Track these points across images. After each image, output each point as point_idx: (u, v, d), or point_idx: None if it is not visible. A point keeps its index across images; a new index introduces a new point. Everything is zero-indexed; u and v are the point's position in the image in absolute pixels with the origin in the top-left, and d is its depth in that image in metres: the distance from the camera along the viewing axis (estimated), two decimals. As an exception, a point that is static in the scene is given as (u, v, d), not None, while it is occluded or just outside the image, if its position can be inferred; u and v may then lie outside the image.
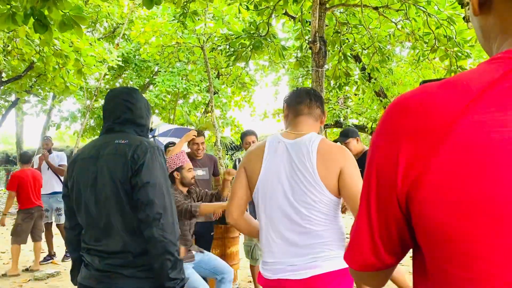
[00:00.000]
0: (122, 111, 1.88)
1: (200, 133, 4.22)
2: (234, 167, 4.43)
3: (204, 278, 3.28)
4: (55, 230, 6.33)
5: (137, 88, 2.04)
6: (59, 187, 6.16)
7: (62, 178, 6.15)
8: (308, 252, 1.73)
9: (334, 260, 1.73)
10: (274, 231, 1.80)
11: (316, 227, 1.74)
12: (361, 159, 3.70)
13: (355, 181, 1.73)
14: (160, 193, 1.69)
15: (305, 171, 1.74)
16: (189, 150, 4.26)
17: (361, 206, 0.67)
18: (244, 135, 4.38)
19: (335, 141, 4.14)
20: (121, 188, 1.70)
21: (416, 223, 0.60)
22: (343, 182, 1.73)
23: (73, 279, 1.94)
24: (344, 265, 1.66)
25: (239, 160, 4.43)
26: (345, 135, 4.02)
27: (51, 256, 6.20)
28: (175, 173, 3.28)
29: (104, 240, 1.72)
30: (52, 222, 6.23)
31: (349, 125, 12.05)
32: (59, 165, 6.35)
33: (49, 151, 6.43)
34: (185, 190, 3.35)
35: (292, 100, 1.97)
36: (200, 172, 4.17)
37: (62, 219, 5.97)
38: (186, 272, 3.16)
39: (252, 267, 4.32)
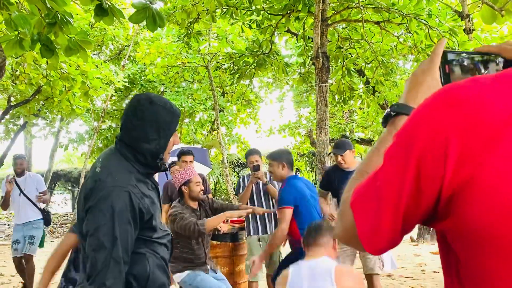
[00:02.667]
0: (121, 125, 1.65)
1: (188, 152, 4.40)
2: (238, 185, 4.44)
3: None
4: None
5: (159, 96, 1.70)
6: (35, 215, 5.26)
7: (38, 204, 5.29)
8: None
9: None
10: None
11: None
12: None
13: None
14: (100, 248, 1.45)
15: None
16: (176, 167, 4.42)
17: (387, 189, 0.62)
18: (248, 154, 4.43)
19: (330, 153, 4.15)
20: (81, 223, 1.56)
21: (457, 221, 0.57)
22: None
23: None
24: None
25: (244, 178, 4.45)
26: (342, 147, 3.88)
27: None
28: (183, 187, 3.29)
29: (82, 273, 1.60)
30: (22, 256, 5.16)
31: (344, 136, 12.03)
32: (40, 193, 5.35)
33: (22, 173, 5.31)
34: (194, 204, 3.36)
35: None
36: None
37: (34, 249, 5.16)
38: (198, 278, 3.15)
39: (250, 283, 4.20)
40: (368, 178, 0.66)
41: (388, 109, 0.79)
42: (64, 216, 16.90)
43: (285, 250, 3.60)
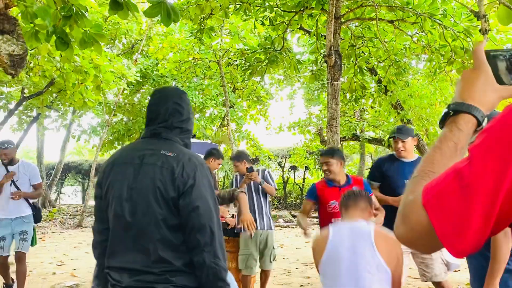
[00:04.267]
0: (170, 115, 1.75)
1: (222, 156, 4.68)
2: (231, 184, 4.55)
3: None
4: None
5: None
6: (27, 209, 4.62)
7: (31, 200, 4.69)
8: None
9: None
10: None
11: None
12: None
13: None
14: (210, 217, 1.59)
15: None
16: None
17: (478, 192, 0.61)
18: (232, 159, 4.66)
19: (390, 137, 3.78)
20: (164, 205, 1.58)
21: None
22: None
23: (98, 285, 1.80)
24: None
25: (237, 178, 4.46)
26: (405, 133, 3.55)
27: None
28: None
29: (137, 253, 1.60)
30: (8, 256, 4.52)
31: (354, 135, 11.97)
32: (33, 186, 4.66)
33: (13, 162, 4.57)
34: None
35: None
36: None
37: (27, 246, 4.53)
38: None
39: (245, 277, 4.18)
40: (445, 176, 0.65)
41: (446, 109, 0.79)
42: (74, 208, 17.10)
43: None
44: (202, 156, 4.42)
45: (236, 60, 8.79)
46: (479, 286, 2.02)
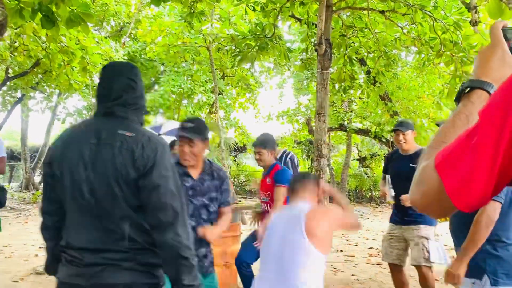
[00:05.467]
0: (124, 91, 1.68)
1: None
2: None
3: None
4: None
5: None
6: None
7: None
8: None
9: None
10: None
11: None
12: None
13: None
14: (172, 196, 1.58)
15: None
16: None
17: (483, 143, 0.65)
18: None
19: (392, 130, 3.92)
20: (125, 186, 1.56)
21: None
22: None
23: (50, 270, 1.75)
24: None
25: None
26: (406, 126, 3.74)
27: None
28: None
29: (99, 233, 1.58)
30: None
31: (342, 125, 12.04)
32: None
33: None
34: None
35: None
36: None
37: None
38: None
39: None
40: (457, 140, 0.69)
41: (461, 86, 0.82)
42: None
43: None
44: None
45: (226, 46, 8.71)
46: (470, 272, 2.13)
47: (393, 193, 3.71)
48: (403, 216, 3.52)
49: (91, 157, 1.58)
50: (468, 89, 0.80)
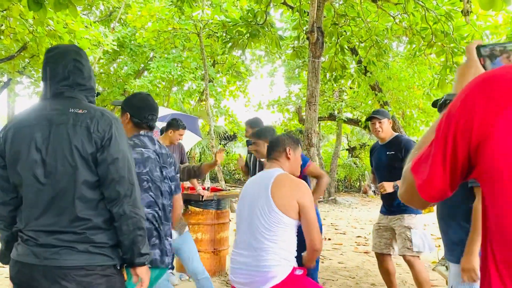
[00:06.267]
0: (71, 72, 1.69)
1: (183, 126, 4.19)
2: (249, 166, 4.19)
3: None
4: None
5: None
6: None
7: None
8: None
9: None
10: None
11: None
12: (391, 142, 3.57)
13: None
14: (129, 169, 1.64)
15: None
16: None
17: (436, 148, 0.85)
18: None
19: (367, 120, 3.82)
20: (82, 162, 1.58)
21: (482, 166, 0.80)
22: None
23: (5, 259, 1.75)
24: None
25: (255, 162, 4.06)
26: (382, 114, 3.67)
27: None
28: None
29: (55, 215, 1.57)
30: None
31: (331, 114, 12.06)
32: None
33: None
34: None
35: None
36: None
37: None
38: (182, 237, 3.21)
39: None
40: (425, 148, 0.89)
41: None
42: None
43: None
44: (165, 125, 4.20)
45: (216, 33, 8.62)
46: (457, 258, 2.09)
47: (373, 188, 3.77)
48: (389, 207, 3.53)
49: (44, 139, 1.59)
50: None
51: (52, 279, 1.53)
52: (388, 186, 3.31)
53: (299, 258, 2.27)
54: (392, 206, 3.49)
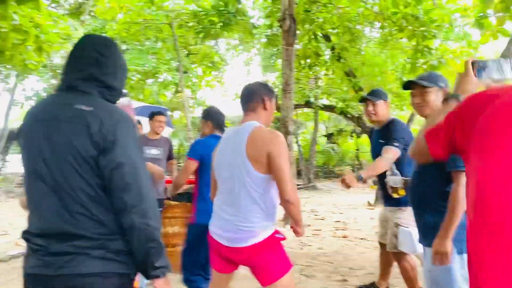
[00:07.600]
0: (88, 64, 1.53)
1: (161, 112, 4.33)
2: None
3: None
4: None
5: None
6: None
7: None
8: None
9: None
10: None
11: None
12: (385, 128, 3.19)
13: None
14: (136, 175, 1.45)
15: None
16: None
17: (443, 125, 1.27)
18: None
19: (360, 100, 3.51)
20: (85, 165, 1.43)
21: (468, 138, 1.15)
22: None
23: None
24: None
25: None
26: (377, 95, 3.24)
27: None
28: None
29: (62, 218, 1.44)
30: None
31: (308, 102, 12.11)
32: None
33: None
34: None
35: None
36: (154, 152, 4.32)
37: None
38: None
39: None
40: (436, 124, 1.32)
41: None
42: (20, 176, 16.38)
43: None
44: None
45: (188, 23, 8.50)
46: (429, 243, 2.06)
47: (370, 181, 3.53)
48: (386, 198, 3.34)
49: (48, 136, 1.45)
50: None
51: None
52: (351, 181, 2.91)
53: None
54: (387, 197, 3.27)
